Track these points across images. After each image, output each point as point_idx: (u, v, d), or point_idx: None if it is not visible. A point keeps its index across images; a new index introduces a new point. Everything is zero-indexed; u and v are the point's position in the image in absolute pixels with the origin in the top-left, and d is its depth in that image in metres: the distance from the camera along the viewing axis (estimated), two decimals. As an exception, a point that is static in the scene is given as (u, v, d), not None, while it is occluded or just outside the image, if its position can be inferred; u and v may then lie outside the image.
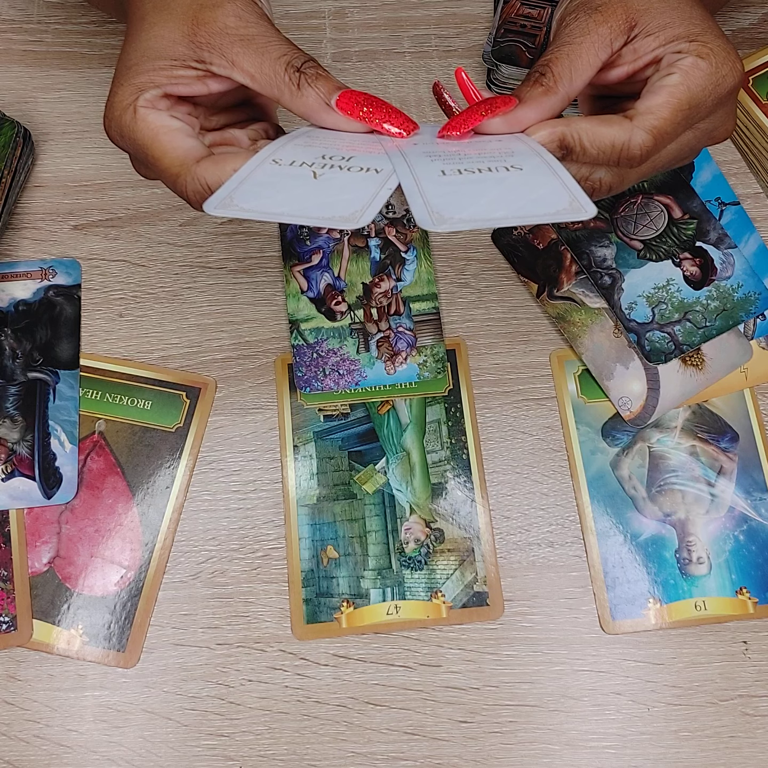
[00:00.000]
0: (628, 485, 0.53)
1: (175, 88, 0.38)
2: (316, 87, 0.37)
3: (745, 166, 0.59)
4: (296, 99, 0.37)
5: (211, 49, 0.38)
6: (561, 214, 0.31)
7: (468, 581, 0.51)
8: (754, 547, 0.52)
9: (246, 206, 0.32)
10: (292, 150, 0.36)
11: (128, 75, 0.38)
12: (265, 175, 0.34)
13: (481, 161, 0.34)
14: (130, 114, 0.38)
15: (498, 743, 0.49)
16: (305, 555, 0.51)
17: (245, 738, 0.49)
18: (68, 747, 0.48)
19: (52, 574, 0.51)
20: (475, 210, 0.31)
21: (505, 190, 0.32)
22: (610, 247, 0.54)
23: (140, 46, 0.39)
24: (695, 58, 0.38)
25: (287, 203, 0.32)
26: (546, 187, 0.32)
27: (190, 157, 0.37)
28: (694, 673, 0.50)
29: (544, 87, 0.37)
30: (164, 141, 0.37)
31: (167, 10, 0.39)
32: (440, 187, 0.32)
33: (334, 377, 0.54)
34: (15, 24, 0.62)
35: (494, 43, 0.58)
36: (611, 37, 0.39)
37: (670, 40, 0.39)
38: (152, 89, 0.38)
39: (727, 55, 0.39)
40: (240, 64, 0.38)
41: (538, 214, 0.32)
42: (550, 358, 0.55)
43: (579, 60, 0.38)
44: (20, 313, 0.55)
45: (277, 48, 0.37)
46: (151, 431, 0.53)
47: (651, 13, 0.39)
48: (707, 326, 0.53)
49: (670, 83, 0.38)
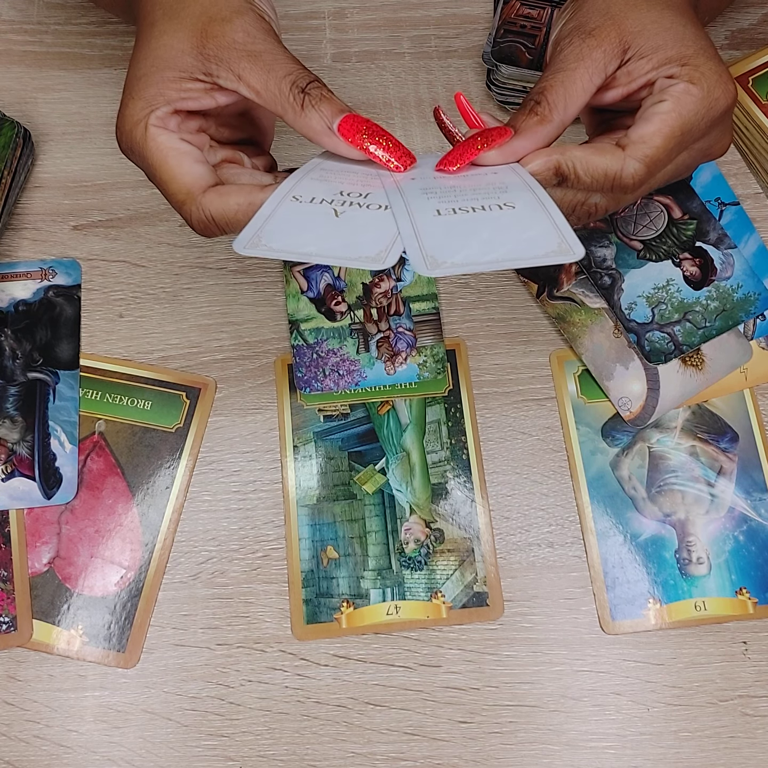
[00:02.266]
0: (628, 485, 0.53)
1: (185, 103, 0.39)
2: (319, 109, 0.37)
3: (745, 166, 0.59)
4: (299, 120, 0.38)
5: (219, 62, 0.38)
6: (550, 257, 0.32)
7: (468, 581, 0.51)
8: (754, 548, 0.52)
9: (274, 246, 0.33)
10: (310, 185, 0.37)
11: (138, 87, 0.39)
12: (288, 213, 0.35)
13: (475, 198, 0.35)
14: (141, 131, 0.38)
15: (498, 743, 0.49)
16: (305, 555, 0.51)
17: (245, 738, 0.49)
18: (68, 747, 0.48)
19: (52, 575, 0.51)
20: (468, 253, 0.32)
21: (497, 230, 0.33)
22: (610, 247, 0.54)
23: (150, 55, 0.39)
24: (687, 83, 0.39)
25: (313, 242, 0.33)
26: (537, 227, 0.34)
27: (196, 186, 0.38)
28: (693, 674, 0.50)
29: (539, 116, 0.38)
30: (173, 165, 0.38)
31: (177, 19, 0.40)
32: (435, 228, 0.34)
33: (334, 377, 0.54)
34: (15, 24, 0.62)
35: (494, 44, 0.58)
36: (605, 61, 0.39)
37: (663, 63, 0.39)
38: (163, 106, 0.39)
39: (719, 78, 0.39)
40: (247, 80, 0.38)
41: (528, 257, 0.33)
42: (550, 358, 0.55)
43: (573, 87, 0.39)
44: (20, 314, 0.55)
45: (283, 66, 0.38)
46: (151, 431, 0.53)
47: (644, 35, 0.40)
48: (707, 326, 0.53)
49: (662, 111, 0.38)
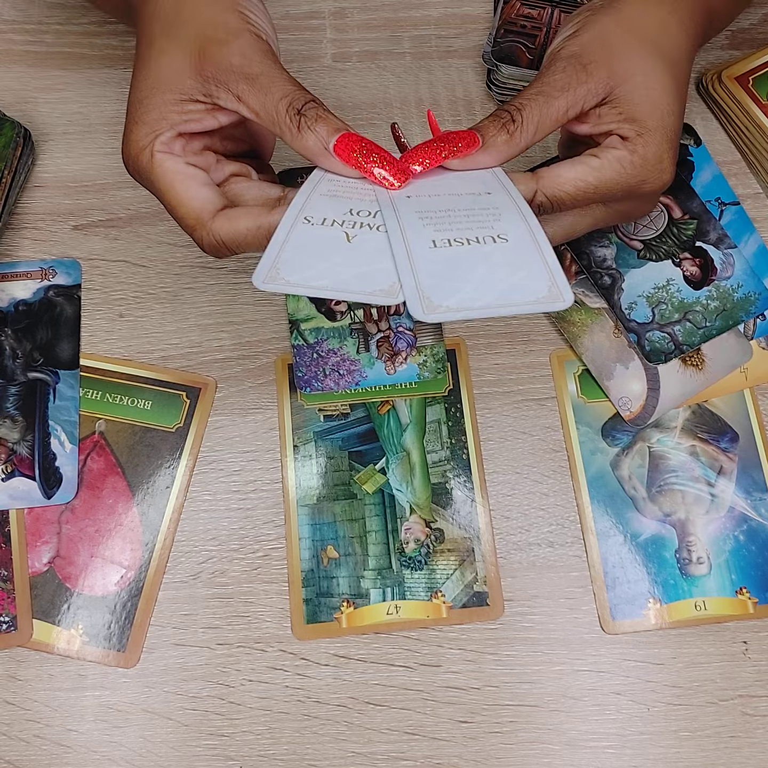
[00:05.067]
0: (628, 485, 0.53)
1: (188, 125, 0.40)
2: (314, 130, 0.38)
3: (745, 166, 0.59)
4: (296, 140, 0.38)
5: (218, 83, 0.39)
6: (540, 303, 0.33)
7: (468, 581, 0.51)
8: (754, 547, 0.52)
9: (292, 280, 0.34)
10: (319, 203, 0.38)
11: (141, 111, 0.39)
12: (302, 239, 0.36)
13: (469, 227, 0.36)
14: (147, 157, 0.39)
15: (498, 743, 0.49)
16: (305, 555, 0.51)
17: (245, 738, 0.49)
18: (68, 747, 0.48)
19: (52, 574, 0.51)
20: (462, 297, 0.33)
21: (490, 270, 0.34)
22: (610, 247, 0.54)
23: (150, 75, 0.40)
24: (627, 154, 0.40)
25: (328, 275, 0.34)
26: (528, 267, 0.34)
27: (205, 211, 0.39)
28: (694, 673, 0.50)
29: (509, 135, 0.40)
30: (180, 190, 0.39)
31: (176, 39, 0.40)
32: (431, 265, 0.34)
33: (334, 377, 0.54)
34: (16, 24, 0.62)
35: (494, 44, 0.58)
36: (586, 98, 0.41)
37: (627, 120, 0.40)
38: (167, 130, 0.39)
39: (658, 164, 0.40)
40: (246, 101, 0.39)
41: (518, 304, 0.33)
42: (550, 358, 0.55)
43: (549, 115, 0.40)
44: (20, 313, 0.55)
45: (280, 88, 0.38)
46: (152, 431, 0.53)
47: (628, 84, 0.41)
48: (707, 326, 0.53)
49: (589, 164, 0.40)
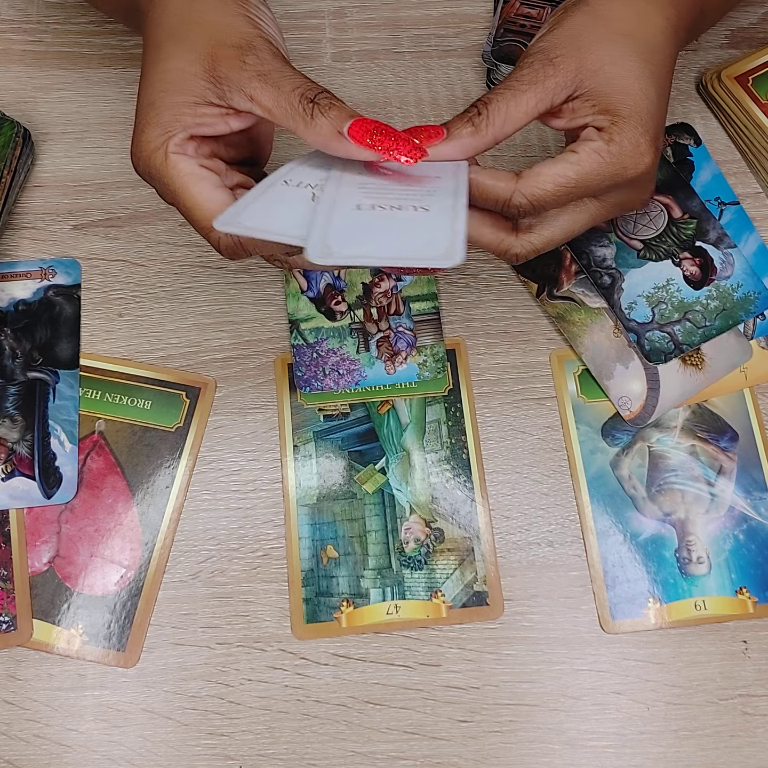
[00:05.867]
0: (628, 485, 0.53)
1: (200, 129, 0.40)
2: (328, 116, 0.38)
3: (745, 166, 0.59)
4: (310, 128, 0.38)
5: (230, 84, 0.39)
6: (430, 260, 0.34)
7: (468, 581, 0.51)
8: (754, 547, 0.52)
9: (248, 224, 0.35)
10: (304, 170, 0.39)
11: (152, 113, 0.40)
12: (274, 195, 0.37)
13: (401, 197, 0.37)
14: (161, 158, 0.39)
15: (498, 742, 0.49)
16: (305, 554, 0.51)
17: (245, 737, 0.49)
18: (68, 746, 0.48)
19: (52, 574, 0.51)
20: (360, 249, 0.34)
21: (400, 232, 0.35)
22: (610, 246, 0.54)
23: (159, 79, 0.40)
24: (602, 143, 0.40)
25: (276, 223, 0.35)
26: (435, 232, 0.35)
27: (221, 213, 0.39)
28: (693, 673, 0.50)
29: (474, 128, 0.39)
30: (195, 192, 0.39)
31: (184, 42, 0.40)
32: (347, 221, 0.35)
33: (334, 377, 0.54)
34: (14, 24, 0.62)
35: (494, 43, 0.58)
36: (555, 91, 0.40)
37: (601, 112, 0.40)
38: (180, 132, 0.39)
39: (635, 149, 0.40)
40: (258, 99, 0.39)
41: (409, 258, 0.34)
42: (550, 358, 0.55)
43: (517, 108, 0.40)
44: (20, 313, 0.55)
45: (291, 82, 0.39)
46: (151, 431, 0.53)
47: (598, 77, 0.40)
48: (707, 326, 0.53)
49: (567, 159, 0.40)
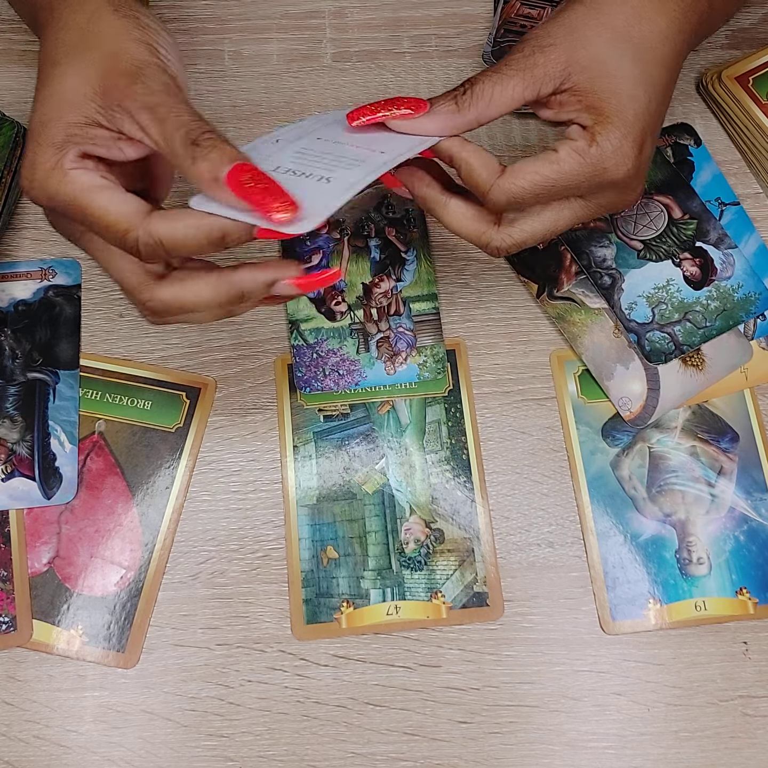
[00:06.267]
0: (628, 485, 0.53)
1: (94, 148, 0.38)
2: (207, 160, 0.36)
3: (745, 166, 0.59)
4: (191, 170, 0.37)
5: (122, 112, 0.38)
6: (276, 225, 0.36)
7: (468, 582, 0.51)
8: (754, 548, 0.52)
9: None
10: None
11: (44, 133, 0.38)
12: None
13: (324, 167, 0.38)
14: (58, 176, 0.37)
15: (498, 744, 0.49)
16: (305, 555, 0.51)
17: (245, 738, 0.49)
18: (68, 747, 0.48)
19: (52, 575, 0.51)
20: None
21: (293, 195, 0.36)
22: (610, 247, 0.54)
23: (53, 98, 0.39)
24: (584, 144, 0.39)
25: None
26: (316, 200, 0.36)
27: (139, 212, 0.37)
28: (694, 674, 0.50)
29: (457, 106, 0.39)
30: (103, 199, 0.37)
31: (80, 63, 0.39)
32: None
33: (334, 377, 0.54)
34: (14, 24, 0.62)
35: (494, 43, 0.58)
36: (542, 81, 0.40)
37: (586, 109, 0.40)
38: (72, 148, 0.38)
39: (617, 151, 0.39)
40: (147, 130, 0.38)
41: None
42: (550, 358, 0.55)
43: (502, 92, 0.40)
44: (20, 313, 0.55)
45: (176, 119, 0.37)
46: (151, 431, 0.53)
47: (587, 72, 0.40)
48: (707, 326, 0.53)
49: (548, 158, 0.40)
